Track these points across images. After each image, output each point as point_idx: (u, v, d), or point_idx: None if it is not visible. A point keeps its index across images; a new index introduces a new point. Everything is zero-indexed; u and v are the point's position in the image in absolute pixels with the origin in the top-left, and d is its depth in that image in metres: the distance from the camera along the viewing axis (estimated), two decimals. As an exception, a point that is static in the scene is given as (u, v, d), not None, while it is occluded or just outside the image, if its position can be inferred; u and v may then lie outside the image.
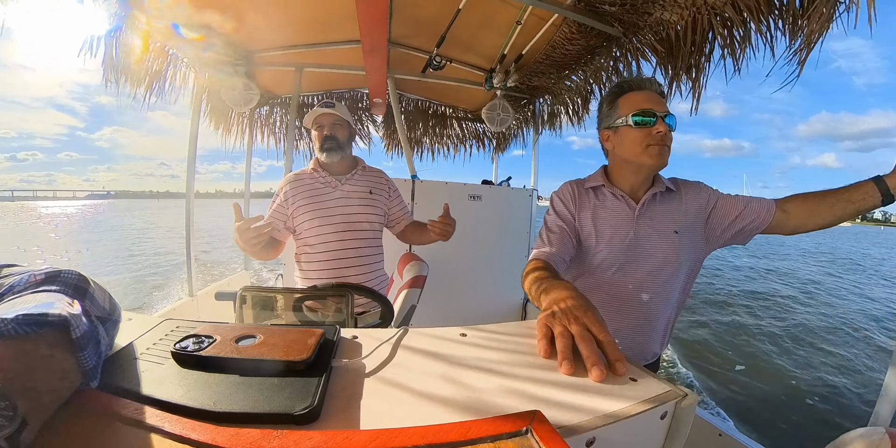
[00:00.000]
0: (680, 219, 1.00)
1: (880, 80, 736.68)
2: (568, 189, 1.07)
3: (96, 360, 0.37)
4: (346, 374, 0.46)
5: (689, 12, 1.38)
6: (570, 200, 1.04)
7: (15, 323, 0.31)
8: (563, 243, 0.97)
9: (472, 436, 0.32)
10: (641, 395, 0.42)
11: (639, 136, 0.93)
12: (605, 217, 1.00)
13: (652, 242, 0.98)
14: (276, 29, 2.09)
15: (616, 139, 0.98)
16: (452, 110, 3.47)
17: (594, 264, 1.00)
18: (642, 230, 0.98)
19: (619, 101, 0.97)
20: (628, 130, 0.95)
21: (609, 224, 0.99)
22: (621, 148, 0.97)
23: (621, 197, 1.01)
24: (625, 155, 0.97)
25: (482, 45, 2.32)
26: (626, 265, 0.98)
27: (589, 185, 1.05)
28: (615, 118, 0.97)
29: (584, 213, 1.02)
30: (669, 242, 0.98)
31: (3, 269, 0.42)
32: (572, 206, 1.03)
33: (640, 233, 0.98)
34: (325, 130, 1.41)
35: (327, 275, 1.38)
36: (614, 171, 1.04)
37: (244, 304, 0.98)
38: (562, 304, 0.59)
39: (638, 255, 0.98)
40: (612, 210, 1.01)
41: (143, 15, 1.66)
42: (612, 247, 0.98)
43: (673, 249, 0.98)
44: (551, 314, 0.57)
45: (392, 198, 1.55)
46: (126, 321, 0.52)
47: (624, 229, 0.98)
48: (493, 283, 2.72)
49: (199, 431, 0.31)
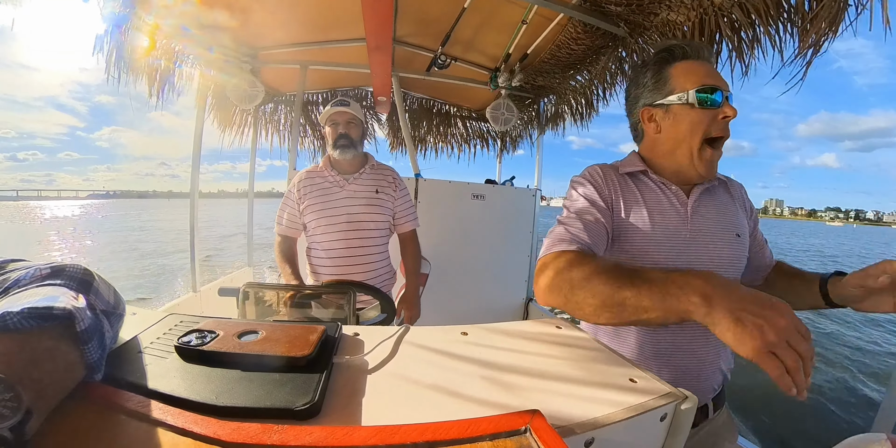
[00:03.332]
0: (735, 218, 0.83)
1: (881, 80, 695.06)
2: (598, 172, 0.82)
3: (100, 353, 0.37)
4: (348, 370, 0.46)
5: (696, 13, 1.37)
6: (603, 185, 0.80)
7: (20, 316, 0.31)
8: (599, 236, 0.73)
9: (471, 433, 0.32)
10: (641, 397, 0.42)
11: (703, 119, 0.74)
12: (650, 212, 0.78)
13: (714, 246, 0.78)
14: (281, 27, 2.10)
15: (667, 120, 0.78)
16: (456, 109, 3.47)
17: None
18: (698, 230, 0.78)
19: (669, 71, 0.77)
20: (687, 111, 0.74)
21: (657, 221, 0.77)
22: (675, 131, 0.77)
23: (668, 187, 0.80)
24: (678, 140, 0.77)
25: (487, 44, 2.31)
26: None
27: (626, 170, 0.83)
28: (666, 92, 0.76)
29: (623, 204, 0.79)
30: (731, 247, 0.80)
31: (10, 263, 0.43)
32: (607, 193, 0.79)
33: (696, 233, 0.78)
34: (340, 128, 1.45)
35: (333, 271, 1.42)
36: (657, 158, 0.83)
37: (247, 299, 0.99)
38: (765, 313, 0.41)
39: (694, 261, 0.77)
40: (657, 203, 0.79)
41: (149, 13, 1.66)
42: (662, 250, 0.76)
43: (737, 255, 0.81)
44: (760, 332, 0.40)
45: (398, 197, 1.55)
46: (130, 315, 0.52)
47: (675, 229, 0.77)
48: (496, 282, 2.72)
49: (201, 425, 0.32)
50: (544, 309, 2.79)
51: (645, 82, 0.80)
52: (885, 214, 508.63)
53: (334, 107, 1.45)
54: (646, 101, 0.80)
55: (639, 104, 0.82)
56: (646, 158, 0.85)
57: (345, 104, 1.46)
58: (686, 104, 0.74)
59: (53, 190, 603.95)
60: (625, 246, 0.77)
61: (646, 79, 0.80)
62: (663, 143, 0.80)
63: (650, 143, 0.84)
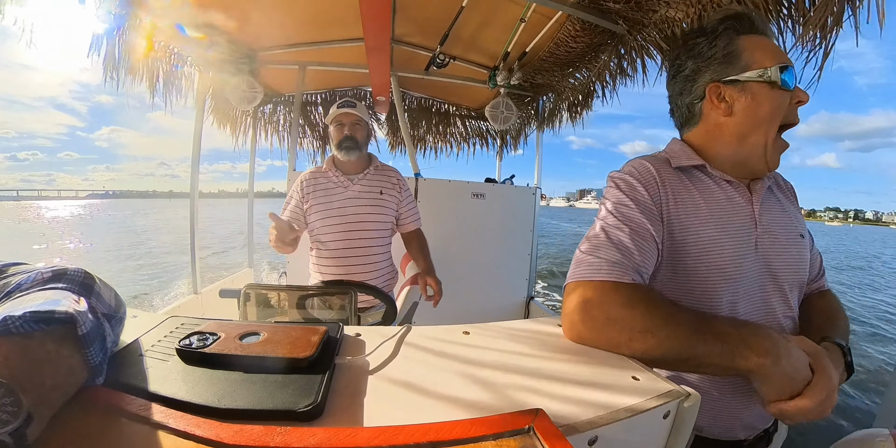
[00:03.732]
0: (796, 216, 0.73)
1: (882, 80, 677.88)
2: (649, 169, 0.68)
3: (102, 356, 0.37)
4: (350, 371, 0.46)
5: (694, 9, 1.36)
6: (656, 185, 0.66)
7: (22, 320, 0.31)
8: (650, 255, 0.61)
9: (474, 433, 0.32)
10: (644, 395, 0.42)
11: (783, 102, 0.64)
12: (711, 215, 0.65)
13: (786, 250, 0.68)
14: (279, 27, 2.09)
15: (743, 100, 0.65)
16: (455, 108, 3.47)
17: (694, 286, 0.64)
18: (769, 234, 0.67)
19: (743, 42, 0.65)
20: (766, 91, 0.63)
21: (722, 227, 0.65)
22: (753, 114, 0.65)
23: (732, 185, 0.69)
24: (756, 124, 0.65)
25: (485, 42, 2.31)
26: (750, 290, 0.65)
27: (679, 164, 0.69)
28: (740, 67, 0.64)
29: (679, 209, 0.66)
30: (799, 251, 0.70)
31: (11, 267, 0.43)
32: (660, 196, 0.66)
33: (766, 238, 0.67)
34: (346, 130, 1.46)
35: (335, 271, 1.44)
36: (716, 146, 0.70)
37: (248, 301, 0.99)
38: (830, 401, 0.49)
39: (764, 271, 0.66)
40: (719, 205, 0.67)
41: (147, 14, 1.66)
42: (728, 262, 0.63)
43: (805, 259, 0.71)
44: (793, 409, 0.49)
45: (402, 198, 1.57)
46: (131, 318, 0.52)
47: (742, 235, 0.65)
48: (497, 281, 2.72)
49: (203, 427, 0.32)
50: (545, 308, 2.79)
51: (713, 53, 0.66)
52: (884, 214, 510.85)
53: (341, 108, 1.46)
54: (714, 75, 0.67)
55: (702, 79, 0.69)
56: (698, 147, 0.72)
57: (351, 105, 1.47)
58: (767, 82, 0.62)
59: (54, 190, 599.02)
60: (684, 260, 0.64)
61: (714, 49, 0.66)
62: (734, 128, 0.67)
63: (712, 127, 0.69)
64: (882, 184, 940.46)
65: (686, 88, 0.71)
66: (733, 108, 0.66)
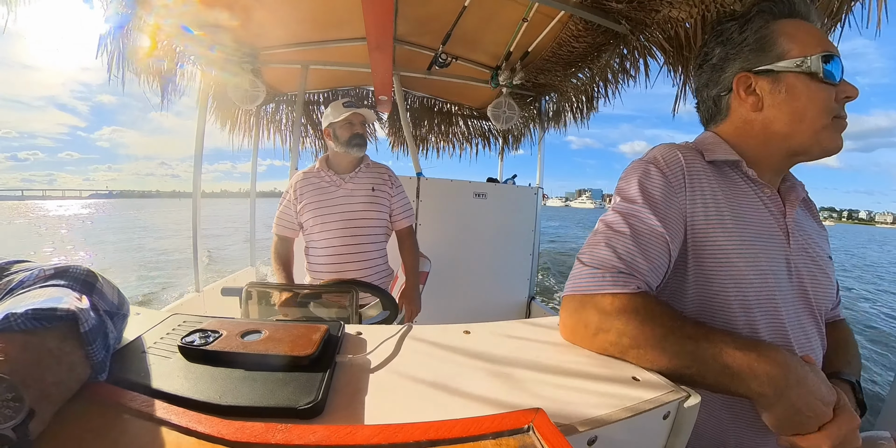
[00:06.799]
0: (822, 235, 0.67)
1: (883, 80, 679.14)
2: (677, 158, 0.59)
3: (104, 353, 0.37)
4: (350, 369, 0.46)
5: (697, 10, 1.36)
6: (680, 179, 0.58)
7: (24, 317, 0.31)
8: (660, 261, 0.55)
9: (474, 432, 0.32)
10: (644, 395, 0.42)
11: (829, 96, 0.55)
12: (741, 219, 0.57)
13: (818, 271, 0.61)
14: (282, 26, 2.10)
15: (777, 93, 0.57)
16: (458, 108, 3.47)
17: (714, 299, 0.56)
18: (801, 251, 0.60)
19: (779, 26, 0.57)
20: (806, 83, 0.55)
21: (756, 237, 0.57)
22: (787, 110, 0.56)
23: (764, 191, 0.61)
24: (794, 120, 0.56)
25: (488, 42, 2.30)
26: (781, 306, 0.56)
27: (714, 158, 0.61)
28: (774, 55, 0.56)
29: (704, 208, 0.57)
30: (827, 273, 0.63)
31: (14, 265, 0.43)
32: (683, 191, 0.57)
33: (798, 256, 0.59)
34: (357, 128, 1.50)
35: (330, 269, 1.44)
36: (748, 145, 0.61)
37: (250, 299, 0.99)
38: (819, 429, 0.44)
39: (793, 296, 0.58)
40: (753, 211, 0.59)
41: (150, 13, 1.67)
42: (756, 281, 0.55)
43: (832, 283, 0.64)
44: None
45: (394, 194, 1.58)
46: (134, 315, 0.53)
47: (773, 245, 0.58)
48: (498, 280, 2.72)
49: (205, 424, 0.32)
50: (546, 307, 2.79)
51: (744, 39, 0.58)
52: (876, 214, 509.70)
53: (349, 108, 1.49)
54: (745, 64, 0.59)
55: (730, 69, 0.61)
56: (734, 143, 0.62)
57: (358, 106, 1.52)
58: (806, 73, 0.54)
59: (58, 190, 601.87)
60: (708, 274, 0.56)
61: (745, 34, 0.58)
62: (764, 126, 0.59)
63: (740, 124, 0.62)
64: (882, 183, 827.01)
65: (713, 79, 0.64)
66: (763, 102, 0.58)
